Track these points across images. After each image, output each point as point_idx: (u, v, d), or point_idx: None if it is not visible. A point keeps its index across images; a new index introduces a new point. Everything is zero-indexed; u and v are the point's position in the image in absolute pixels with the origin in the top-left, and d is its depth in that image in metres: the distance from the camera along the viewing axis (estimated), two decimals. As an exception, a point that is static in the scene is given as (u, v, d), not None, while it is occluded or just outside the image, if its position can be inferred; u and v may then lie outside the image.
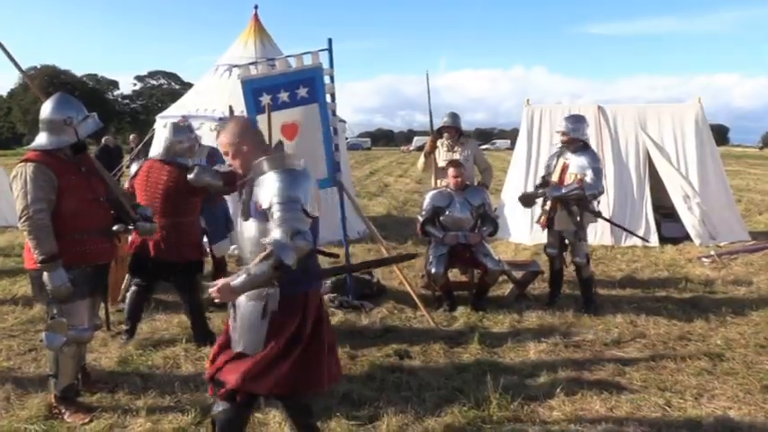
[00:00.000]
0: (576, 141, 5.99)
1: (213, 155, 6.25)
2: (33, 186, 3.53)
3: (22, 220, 3.55)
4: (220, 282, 2.71)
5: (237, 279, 2.66)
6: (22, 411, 3.81)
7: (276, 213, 2.66)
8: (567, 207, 5.92)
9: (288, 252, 2.59)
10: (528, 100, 10.41)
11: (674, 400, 4.02)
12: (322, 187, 6.55)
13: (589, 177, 5.80)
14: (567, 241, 6.15)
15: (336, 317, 5.80)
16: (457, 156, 6.69)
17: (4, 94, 75.63)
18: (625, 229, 7.74)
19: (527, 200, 6.42)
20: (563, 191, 5.90)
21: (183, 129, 5.22)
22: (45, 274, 3.54)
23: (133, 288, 5.16)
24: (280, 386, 2.81)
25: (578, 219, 5.93)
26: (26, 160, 3.63)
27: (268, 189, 2.70)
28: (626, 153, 9.80)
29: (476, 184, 6.66)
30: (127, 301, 5.23)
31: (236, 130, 2.92)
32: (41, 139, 3.71)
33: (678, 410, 3.89)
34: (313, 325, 2.85)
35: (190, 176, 4.83)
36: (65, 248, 3.60)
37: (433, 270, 5.98)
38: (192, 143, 5.18)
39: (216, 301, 2.73)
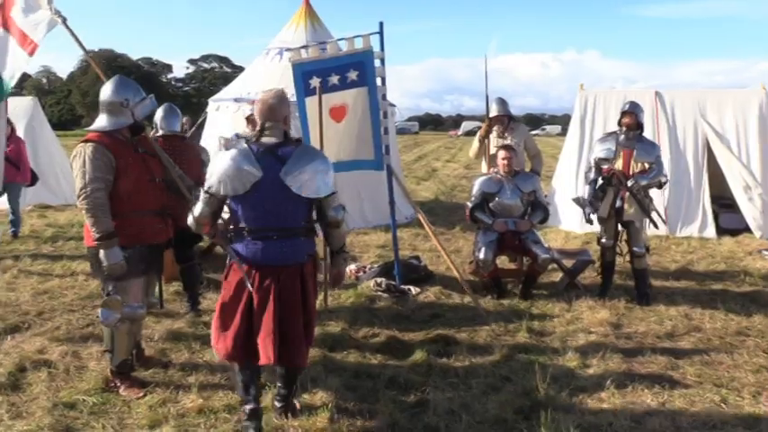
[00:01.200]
0: (639, 126, 5.89)
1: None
2: (92, 166, 3.62)
3: (80, 198, 3.65)
4: None
5: None
6: (80, 383, 3.95)
7: None
8: (637, 197, 5.77)
9: None
10: (582, 85, 10.14)
11: (731, 397, 3.88)
12: (370, 169, 6.56)
13: (658, 165, 5.83)
14: (620, 229, 5.98)
15: (383, 301, 5.82)
16: (508, 142, 6.60)
17: (64, 77, 78.38)
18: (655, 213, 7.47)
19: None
20: (650, 177, 5.78)
21: (174, 109, 5.88)
22: (101, 251, 3.64)
23: None
24: (217, 348, 3.30)
25: (646, 207, 5.84)
26: (86, 141, 3.73)
27: None
28: (684, 141, 9.45)
29: (527, 170, 6.54)
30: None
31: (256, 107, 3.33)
32: (101, 120, 3.81)
33: (734, 408, 3.76)
34: (244, 303, 3.20)
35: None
36: (121, 228, 3.68)
37: (481, 256, 5.92)
38: (181, 122, 5.93)
39: None
